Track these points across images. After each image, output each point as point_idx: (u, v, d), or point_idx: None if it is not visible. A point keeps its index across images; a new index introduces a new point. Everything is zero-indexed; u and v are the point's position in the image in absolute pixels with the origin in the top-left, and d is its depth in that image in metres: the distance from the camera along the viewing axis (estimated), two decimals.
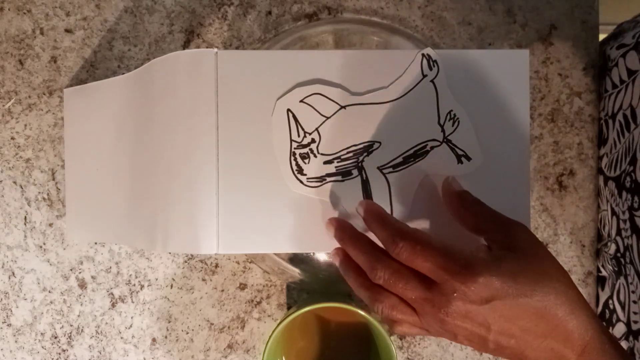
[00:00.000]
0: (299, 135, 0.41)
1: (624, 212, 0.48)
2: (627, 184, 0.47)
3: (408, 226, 0.36)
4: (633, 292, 0.48)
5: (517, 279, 0.33)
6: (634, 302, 0.48)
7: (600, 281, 0.55)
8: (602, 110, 0.54)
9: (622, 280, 0.50)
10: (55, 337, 0.55)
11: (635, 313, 0.48)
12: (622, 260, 0.49)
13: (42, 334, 0.55)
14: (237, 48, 0.54)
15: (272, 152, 0.41)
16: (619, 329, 0.51)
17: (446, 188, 0.39)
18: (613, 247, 0.51)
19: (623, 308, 0.50)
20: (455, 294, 0.33)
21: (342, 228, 0.39)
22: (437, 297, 0.33)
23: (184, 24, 0.54)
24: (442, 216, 0.41)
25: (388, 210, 0.41)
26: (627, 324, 0.49)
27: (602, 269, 0.54)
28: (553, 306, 0.33)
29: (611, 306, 0.53)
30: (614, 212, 0.51)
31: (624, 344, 0.50)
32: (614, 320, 0.52)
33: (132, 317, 0.55)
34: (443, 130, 0.41)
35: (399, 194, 0.41)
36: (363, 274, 0.37)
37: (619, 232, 0.50)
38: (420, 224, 0.41)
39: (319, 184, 0.41)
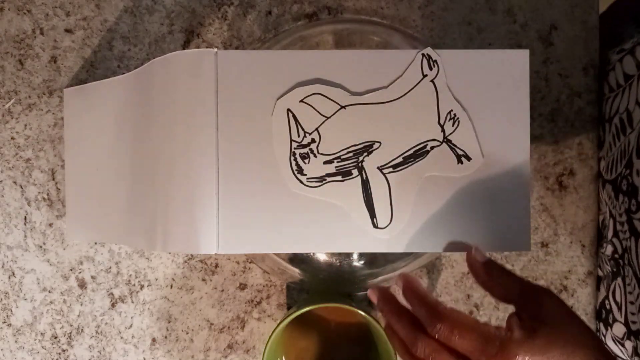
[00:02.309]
0: (299, 135, 0.41)
1: (620, 215, 0.48)
2: (624, 187, 0.48)
3: (444, 305, 0.37)
4: (630, 292, 0.48)
5: (550, 353, 0.35)
6: (631, 302, 0.48)
7: (597, 281, 0.55)
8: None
9: (618, 281, 0.50)
10: (55, 337, 0.55)
11: (632, 314, 0.48)
12: (620, 261, 0.49)
13: (42, 334, 0.55)
14: (237, 48, 0.54)
15: (272, 152, 0.41)
16: (618, 329, 0.51)
17: (471, 259, 0.40)
18: (610, 249, 0.51)
19: (620, 308, 0.50)
20: None
21: (385, 300, 0.40)
22: None
23: (184, 24, 0.54)
24: (442, 216, 0.41)
25: (388, 210, 0.41)
26: (626, 324, 0.50)
27: (598, 269, 0.55)
28: None
29: (607, 306, 0.53)
30: (611, 215, 0.51)
31: (628, 344, 0.50)
32: (610, 321, 0.52)
33: (132, 317, 0.55)
34: (443, 130, 0.41)
35: (399, 194, 0.41)
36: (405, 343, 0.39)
37: (616, 234, 0.50)
38: (421, 224, 0.41)
39: (319, 184, 0.41)
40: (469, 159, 0.41)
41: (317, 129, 0.41)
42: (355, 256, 0.52)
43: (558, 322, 0.36)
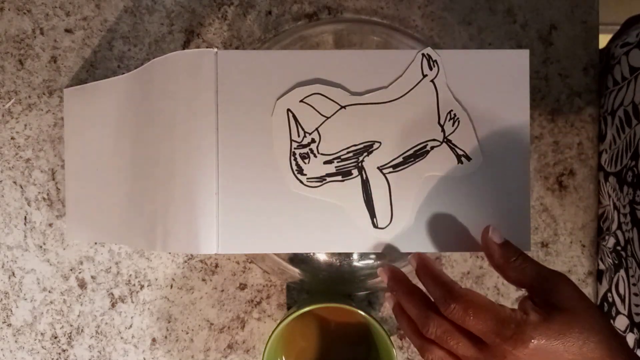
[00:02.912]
0: (299, 135, 0.41)
1: (624, 206, 0.48)
2: (629, 179, 0.48)
3: (459, 285, 0.37)
4: (634, 284, 0.48)
5: (565, 338, 0.34)
6: (635, 294, 0.48)
7: (598, 275, 0.55)
8: (601, 107, 0.54)
9: (621, 273, 0.50)
10: (55, 337, 0.55)
11: (637, 305, 0.48)
12: (622, 253, 0.49)
13: (42, 334, 0.55)
14: (237, 48, 0.54)
15: (272, 152, 0.41)
16: (620, 322, 0.51)
17: (486, 239, 0.39)
18: (612, 241, 0.51)
19: (623, 301, 0.50)
20: (505, 358, 0.34)
21: (395, 279, 0.40)
22: (489, 359, 0.35)
23: (184, 24, 0.54)
24: (442, 216, 0.41)
25: (388, 210, 0.41)
26: (629, 316, 0.50)
27: (600, 263, 0.55)
28: (599, 359, 0.35)
29: (610, 299, 0.53)
30: (615, 207, 0.51)
31: (630, 337, 0.50)
32: (613, 313, 0.52)
33: (132, 317, 0.55)
34: (443, 130, 0.41)
35: (399, 194, 0.41)
36: (415, 323, 0.38)
37: (619, 226, 0.50)
38: (421, 224, 0.41)
39: (319, 184, 0.41)
40: (469, 159, 0.41)
41: (317, 129, 0.41)
42: (355, 256, 0.52)
43: (573, 308, 0.35)
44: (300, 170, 0.41)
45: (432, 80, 0.41)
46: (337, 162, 0.41)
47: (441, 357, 0.37)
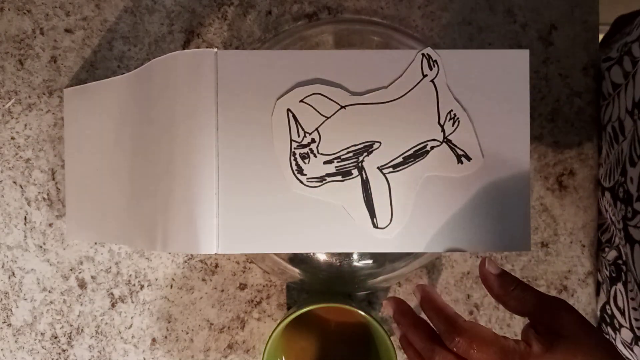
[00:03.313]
0: (299, 135, 0.41)
1: (618, 222, 0.48)
2: (620, 194, 0.48)
3: (463, 319, 0.37)
4: (632, 299, 0.48)
5: None
6: (634, 309, 0.48)
7: (597, 286, 0.55)
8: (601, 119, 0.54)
9: (619, 286, 0.50)
10: (55, 337, 0.55)
11: (637, 320, 0.48)
12: (623, 267, 0.49)
13: (42, 334, 0.55)
14: (237, 48, 0.54)
15: (272, 152, 0.41)
16: (626, 334, 0.51)
17: (483, 271, 0.39)
18: (613, 254, 0.51)
19: (623, 314, 0.50)
20: None
21: (401, 312, 0.40)
22: None
23: (184, 24, 0.54)
24: (443, 216, 0.41)
25: (388, 210, 0.41)
26: (632, 330, 0.49)
27: (598, 274, 0.54)
28: None
29: (609, 311, 0.53)
30: (612, 222, 0.51)
31: (637, 350, 0.49)
32: (617, 325, 0.52)
33: (132, 317, 0.55)
34: (443, 130, 0.41)
35: (399, 194, 0.41)
36: (420, 355, 0.39)
37: (618, 241, 0.50)
38: (421, 224, 0.41)
39: (319, 184, 0.41)
40: (469, 159, 0.41)
41: (317, 129, 0.41)
42: (355, 256, 0.52)
43: (576, 335, 0.36)
44: (300, 170, 0.41)
45: (432, 80, 0.40)
46: (337, 162, 0.41)
47: None
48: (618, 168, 0.48)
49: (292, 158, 0.41)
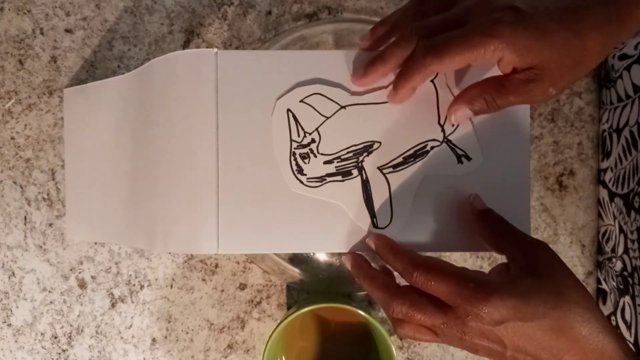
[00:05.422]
0: (299, 135, 0.41)
1: (632, 232, 0.47)
2: (636, 205, 0.47)
3: (420, 255, 0.37)
4: None
5: (530, 300, 0.34)
6: None
7: (601, 294, 0.54)
8: (606, 121, 0.53)
9: (627, 299, 0.49)
10: (55, 337, 0.55)
11: None
12: (629, 279, 0.49)
13: (42, 334, 0.55)
14: (237, 48, 0.54)
15: (272, 152, 0.41)
16: None
17: (469, 206, 0.40)
18: (619, 265, 0.50)
19: (629, 328, 0.49)
20: (469, 317, 0.34)
21: (358, 265, 0.40)
22: (453, 321, 0.35)
23: (184, 24, 0.54)
24: (442, 216, 0.41)
25: (388, 210, 0.41)
26: (635, 344, 0.48)
27: (603, 283, 0.54)
28: (568, 327, 0.34)
29: (613, 322, 0.52)
30: (621, 230, 0.50)
31: None
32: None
33: (132, 317, 0.55)
34: (443, 130, 0.41)
35: (399, 194, 0.41)
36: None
37: (626, 251, 0.49)
38: (421, 224, 0.41)
39: (319, 184, 0.41)
40: (469, 159, 0.41)
41: (317, 129, 0.41)
42: None
43: (546, 274, 0.35)
44: (300, 170, 0.41)
45: (432, 80, 0.41)
46: (337, 162, 0.41)
47: (413, 331, 0.37)
48: (635, 176, 0.47)
49: (292, 158, 0.41)
